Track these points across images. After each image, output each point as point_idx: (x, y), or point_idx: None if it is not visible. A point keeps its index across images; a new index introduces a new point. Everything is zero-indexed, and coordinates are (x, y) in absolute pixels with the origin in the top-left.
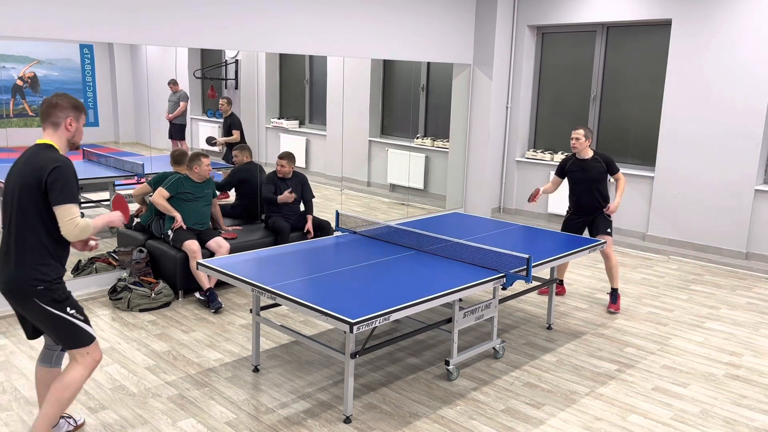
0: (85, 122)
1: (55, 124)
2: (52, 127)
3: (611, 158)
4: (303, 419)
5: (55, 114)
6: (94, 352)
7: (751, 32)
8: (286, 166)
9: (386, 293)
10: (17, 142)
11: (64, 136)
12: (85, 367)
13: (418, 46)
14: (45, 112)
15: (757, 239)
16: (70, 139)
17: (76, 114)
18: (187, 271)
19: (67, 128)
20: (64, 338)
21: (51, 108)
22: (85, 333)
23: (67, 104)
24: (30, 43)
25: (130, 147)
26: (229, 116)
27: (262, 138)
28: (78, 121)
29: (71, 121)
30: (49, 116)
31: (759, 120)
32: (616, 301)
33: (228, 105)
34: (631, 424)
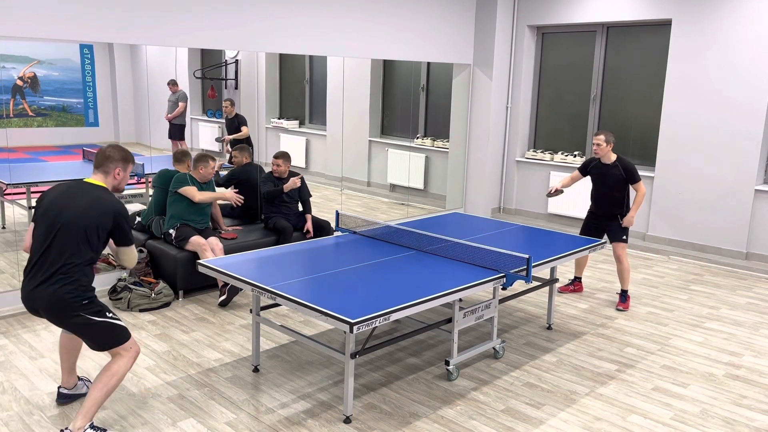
0: (132, 170)
1: (105, 172)
2: (102, 173)
3: (633, 167)
4: (303, 419)
5: (106, 165)
6: (135, 346)
7: (751, 32)
8: (281, 165)
9: (386, 293)
10: (17, 142)
11: (111, 183)
12: (129, 358)
13: (418, 46)
14: (99, 161)
15: (757, 239)
16: (116, 186)
17: (124, 165)
18: (187, 271)
19: (115, 177)
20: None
21: (104, 159)
22: (124, 330)
23: (118, 157)
24: (30, 43)
25: (130, 147)
26: (234, 117)
27: (262, 138)
28: (125, 171)
29: (119, 171)
30: (101, 165)
31: (759, 120)
32: (625, 300)
33: (231, 107)
34: (631, 424)
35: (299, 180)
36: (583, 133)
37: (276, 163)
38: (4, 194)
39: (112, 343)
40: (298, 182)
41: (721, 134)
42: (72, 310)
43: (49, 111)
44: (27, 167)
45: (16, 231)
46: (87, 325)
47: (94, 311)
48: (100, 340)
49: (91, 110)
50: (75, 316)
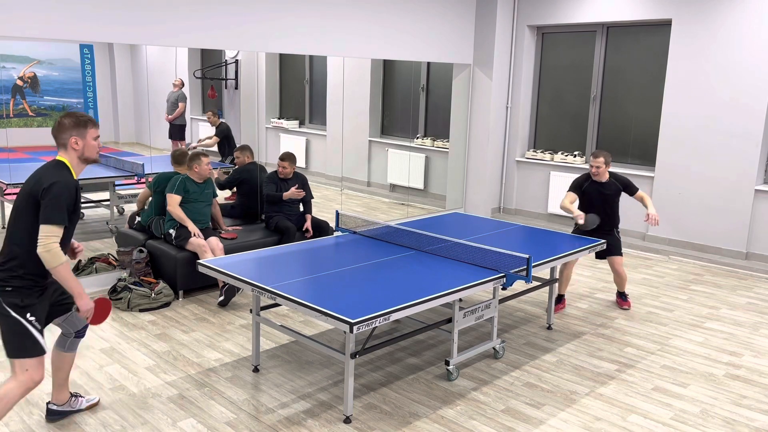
0: (96, 135)
1: (63, 146)
2: (62, 148)
3: (627, 180)
4: (303, 419)
5: (60, 137)
6: (35, 372)
7: (751, 32)
8: (287, 167)
9: (386, 293)
10: (17, 142)
11: (74, 155)
12: (21, 383)
13: (418, 46)
14: (53, 134)
15: (757, 239)
16: (80, 156)
17: (79, 131)
18: (187, 271)
19: (74, 147)
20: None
21: (57, 131)
22: (35, 345)
23: (69, 124)
24: (30, 43)
25: (130, 147)
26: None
27: (262, 138)
28: (84, 137)
29: (76, 140)
30: (57, 138)
31: (759, 120)
32: (626, 299)
33: (215, 116)
34: (631, 424)
35: (301, 193)
36: (583, 133)
37: (282, 165)
38: (4, 194)
39: (12, 349)
40: (300, 195)
41: (721, 134)
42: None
43: (49, 111)
44: (27, 167)
45: None
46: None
47: (12, 303)
48: (4, 337)
49: (91, 110)
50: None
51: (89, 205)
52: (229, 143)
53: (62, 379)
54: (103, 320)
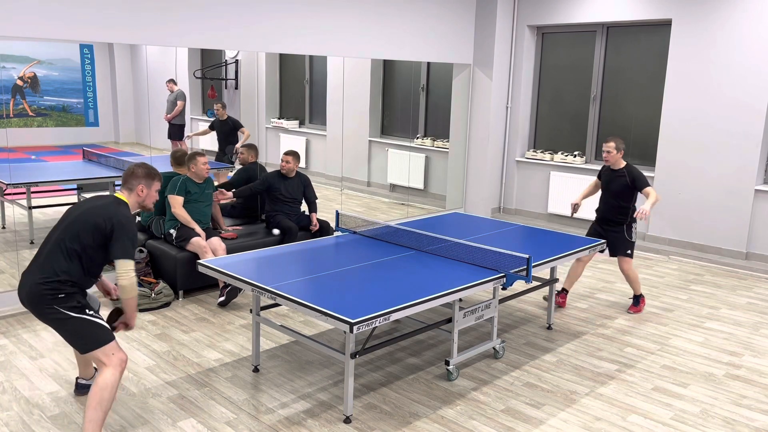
0: (159, 188)
1: (129, 189)
2: (127, 190)
3: (640, 174)
4: (303, 419)
5: (130, 181)
6: (119, 353)
7: (751, 32)
8: (291, 162)
9: (386, 293)
10: (17, 142)
11: (135, 200)
12: (113, 367)
13: (418, 46)
14: (124, 178)
15: (757, 239)
16: (140, 203)
17: (147, 182)
18: (187, 271)
19: (138, 194)
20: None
21: (128, 176)
22: (106, 331)
23: (141, 174)
24: (30, 43)
25: (130, 147)
26: (227, 119)
27: (262, 138)
28: (150, 188)
29: (142, 188)
30: (126, 182)
31: (759, 120)
32: (638, 304)
33: (223, 109)
34: (631, 424)
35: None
36: (583, 133)
37: (285, 159)
38: (4, 194)
39: (89, 343)
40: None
41: (721, 134)
42: (45, 302)
43: (49, 111)
44: (27, 167)
45: (16, 231)
46: (61, 320)
47: (69, 306)
48: (75, 338)
49: (91, 110)
50: (49, 309)
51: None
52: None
53: (86, 358)
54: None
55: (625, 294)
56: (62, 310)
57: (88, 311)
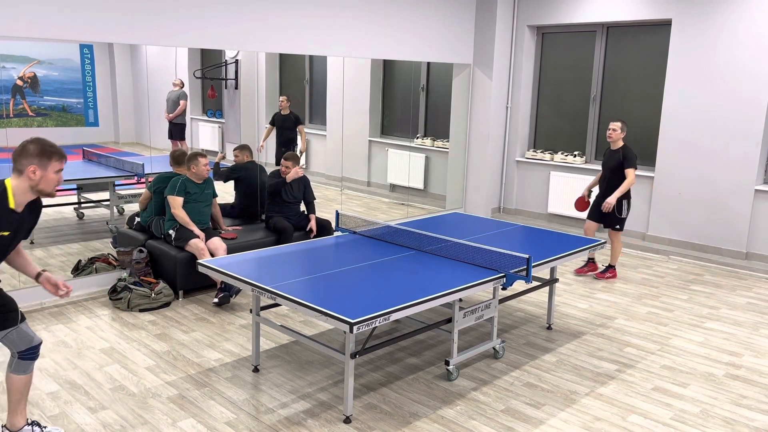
0: (60, 168)
1: (18, 171)
2: (16, 171)
3: (631, 154)
4: (303, 419)
5: (19, 161)
6: None
7: (751, 32)
8: (291, 167)
9: (386, 293)
10: (17, 142)
11: (26, 183)
12: None
13: (418, 46)
14: (14, 156)
15: (757, 239)
16: (34, 187)
17: (42, 162)
18: (187, 271)
19: (30, 176)
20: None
21: (19, 154)
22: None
23: (34, 151)
24: (30, 43)
25: (130, 147)
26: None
27: (262, 138)
28: (45, 169)
29: (35, 169)
30: (15, 161)
31: (759, 120)
32: (605, 272)
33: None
34: (631, 424)
35: (301, 171)
36: (583, 133)
37: (285, 164)
38: None
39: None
40: (301, 172)
41: (721, 134)
42: None
43: (49, 111)
44: None
45: None
46: None
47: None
48: None
49: (91, 110)
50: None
51: (89, 205)
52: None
53: (14, 402)
54: None
55: (625, 294)
56: None
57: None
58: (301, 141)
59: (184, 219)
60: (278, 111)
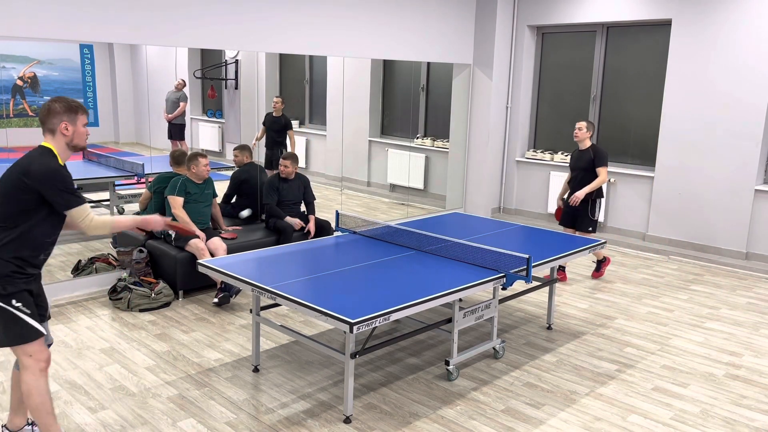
0: (86, 122)
1: (51, 131)
2: (49, 133)
3: (602, 152)
4: (303, 419)
5: (50, 121)
6: (42, 354)
7: (751, 32)
8: (289, 166)
9: (386, 293)
10: (17, 142)
11: (62, 141)
12: (34, 370)
13: (418, 46)
14: (41, 118)
15: (757, 239)
16: (69, 143)
17: (70, 117)
18: (187, 271)
19: (63, 133)
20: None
21: (47, 115)
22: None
23: (61, 108)
24: (30, 43)
25: (130, 147)
26: (281, 116)
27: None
28: (74, 123)
29: (66, 125)
30: (45, 123)
31: (759, 120)
32: (599, 269)
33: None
34: (631, 424)
35: (299, 226)
36: None
37: (284, 164)
38: None
39: (9, 337)
40: (299, 227)
41: (721, 134)
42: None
43: None
44: None
45: None
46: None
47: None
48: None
49: (91, 110)
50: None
51: (89, 205)
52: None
53: (17, 401)
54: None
55: (626, 294)
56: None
57: (15, 302)
58: (290, 145)
59: (185, 219)
60: (270, 112)
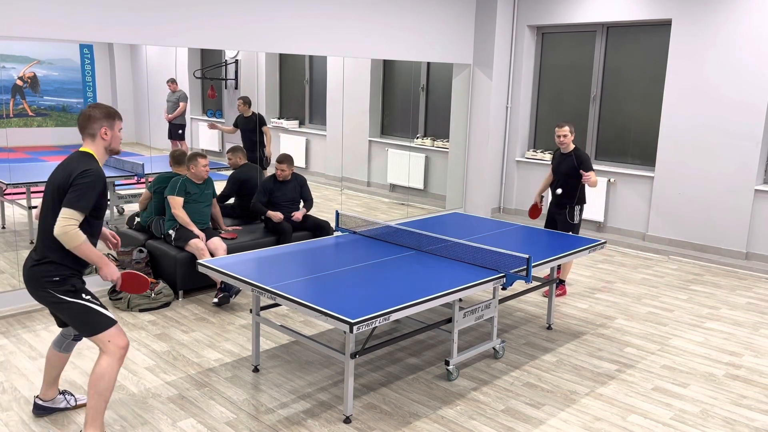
0: (122, 127)
1: (91, 135)
2: (89, 137)
3: (584, 157)
4: (303, 419)
5: (90, 126)
6: (119, 339)
7: (751, 32)
8: (285, 169)
9: (386, 293)
10: (17, 142)
11: (101, 145)
12: (112, 355)
13: (418, 46)
14: (81, 124)
15: (757, 239)
16: (107, 147)
17: (110, 122)
18: (187, 271)
19: (103, 137)
20: (83, 323)
21: (86, 120)
22: (103, 317)
23: (100, 114)
24: (30, 43)
25: (130, 147)
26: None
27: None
28: (112, 128)
29: (105, 130)
30: (85, 128)
31: (759, 120)
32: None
33: (245, 105)
34: (631, 424)
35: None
36: (583, 134)
37: (280, 167)
38: (4, 194)
39: (88, 328)
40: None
41: (721, 134)
42: (40, 286)
43: (49, 111)
44: (27, 167)
45: (16, 231)
46: (57, 303)
47: (63, 290)
48: (75, 322)
49: None
50: (44, 293)
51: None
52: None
53: (53, 377)
54: (141, 291)
55: (625, 294)
56: (56, 294)
57: (85, 296)
58: (267, 142)
59: (185, 220)
60: (241, 114)
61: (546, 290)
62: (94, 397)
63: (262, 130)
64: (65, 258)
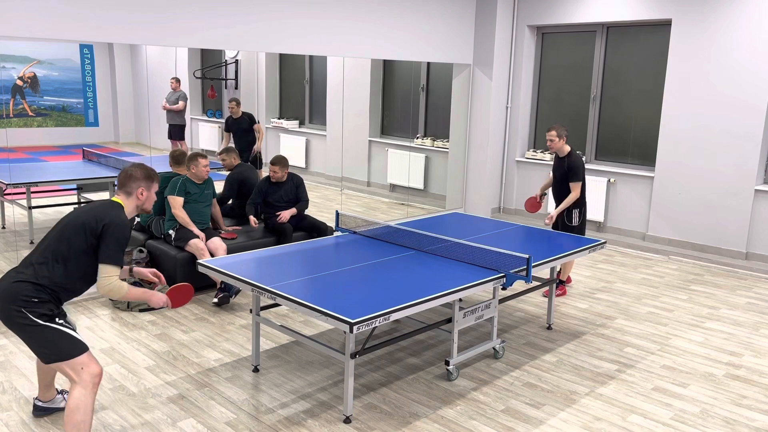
0: (157, 189)
1: (128, 193)
2: (125, 194)
3: (576, 166)
4: (303, 419)
5: (129, 184)
6: (90, 367)
7: (751, 32)
8: (278, 171)
9: (386, 293)
10: (17, 142)
11: (135, 203)
12: (84, 384)
13: (418, 46)
14: (121, 181)
15: (757, 239)
16: (140, 206)
17: (147, 184)
18: (187, 272)
19: (138, 197)
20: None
21: (127, 179)
22: (77, 342)
23: (140, 175)
24: (30, 43)
25: (130, 147)
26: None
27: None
28: (150, 190)
29: (142, 191)
30: (124, 185)
31: (759, 120)
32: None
33: (237, 106)
34: (631, 424)
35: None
36: (583, 133)
37: (273, 169)
38: (4, 194)
39: (53, 354)
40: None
41: (721, 134)
42: (16, 303)
43: (49, 111)
44: (27, 167)
45: (16, 231)
46: (25, 325)
47: (38, 313)
48: (39, 347)
49: (91, 110)
50: (17, 311)
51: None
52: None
53: (48, 380)
54: (190, 299)
55: (625, 294)
56: (29, 315)
57: (58, 320)
58: (259, 140)
59: (185, 220)
60: (230, 116)
61: (546, 290)
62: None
63: (254, 128)
64: (56, 284)
